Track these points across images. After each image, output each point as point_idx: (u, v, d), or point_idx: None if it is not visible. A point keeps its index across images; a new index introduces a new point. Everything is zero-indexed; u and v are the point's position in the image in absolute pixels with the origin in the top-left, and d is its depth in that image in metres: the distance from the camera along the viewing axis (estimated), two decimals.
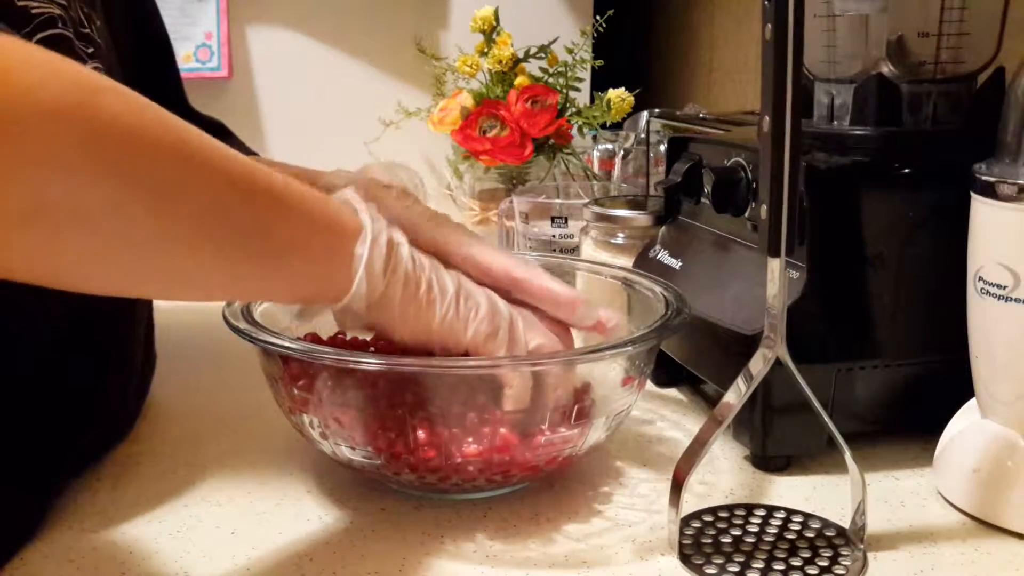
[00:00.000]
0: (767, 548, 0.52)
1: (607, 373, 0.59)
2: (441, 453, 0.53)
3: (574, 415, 0.55)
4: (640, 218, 0.83)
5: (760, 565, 0.51)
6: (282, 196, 0.48)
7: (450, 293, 0.53)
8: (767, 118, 0.48)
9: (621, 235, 0.85)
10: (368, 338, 0.63)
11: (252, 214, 0.46)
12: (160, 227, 0.41)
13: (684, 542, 0.53)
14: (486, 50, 1.22)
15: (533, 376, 0.54)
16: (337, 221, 0.51)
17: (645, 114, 1.16)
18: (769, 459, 0.62)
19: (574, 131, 1.23)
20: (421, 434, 0.53)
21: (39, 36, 0.53)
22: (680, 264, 0.73)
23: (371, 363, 0.53)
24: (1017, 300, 0.52)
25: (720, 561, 0.51)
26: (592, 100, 1.26)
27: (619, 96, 1.20)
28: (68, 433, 0.57)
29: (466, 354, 0.54)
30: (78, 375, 0.58)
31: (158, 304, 0.74)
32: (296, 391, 0.56)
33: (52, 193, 0.37)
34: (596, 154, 1.23)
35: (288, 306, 0.61)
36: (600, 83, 1.29)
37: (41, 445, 0.55)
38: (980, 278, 0.54)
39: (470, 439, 0.53)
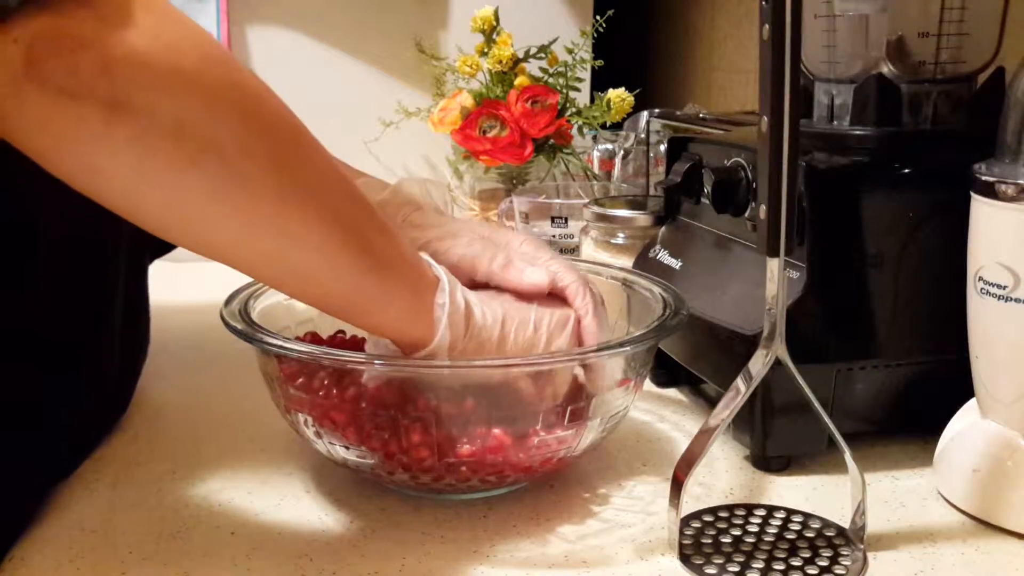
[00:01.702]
0: (767, 548, 0.52)
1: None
2: (434, 453, 0.53)
3: (568, 416, 0.55)
4: (640, 218, 0.83)
5: (760, 565, 0.51)
6: (378, 215, 0.51)
7: (514, 329, 0.55)
8: (766, 118, 0.48)
9: (621, 235, 0.85)
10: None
11: (353, 209, 0.49)
12: (276, 182, 0.45)
13: (684, 542, 0.53)
14: (486, 50, 1.22)
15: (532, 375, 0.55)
16: (420, 260, 0.53)
17: (645, 114, 1.16)
18: (769, 459, 0.62)
19: (574, 131, 1.23)
20: (415, 435, 0.53)
21: None
22: (680, 264, 0.73)
23: (369, 364, 0.53)
24: (1017, 300, 0.52)
25: (720, 561, 0.51)
26: (592, 100, 1.26)
27: (619, 96, 1.20)
28: (44, 423, 0.57)
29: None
30: (47, 362, 0.58)
31: (158, 304, 0.74)
32: (292, 391, 0.56)
33: (193, 119, 0.41)
34: (596, 154, 1.23)
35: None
36: (600, 83, 1.29)
37: (16, 436, 0.55)
38: (980, 278, 0.54)
39: (464, 440, 0.53)
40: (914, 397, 0.63)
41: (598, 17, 1.26)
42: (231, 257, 0.47)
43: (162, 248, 0.78)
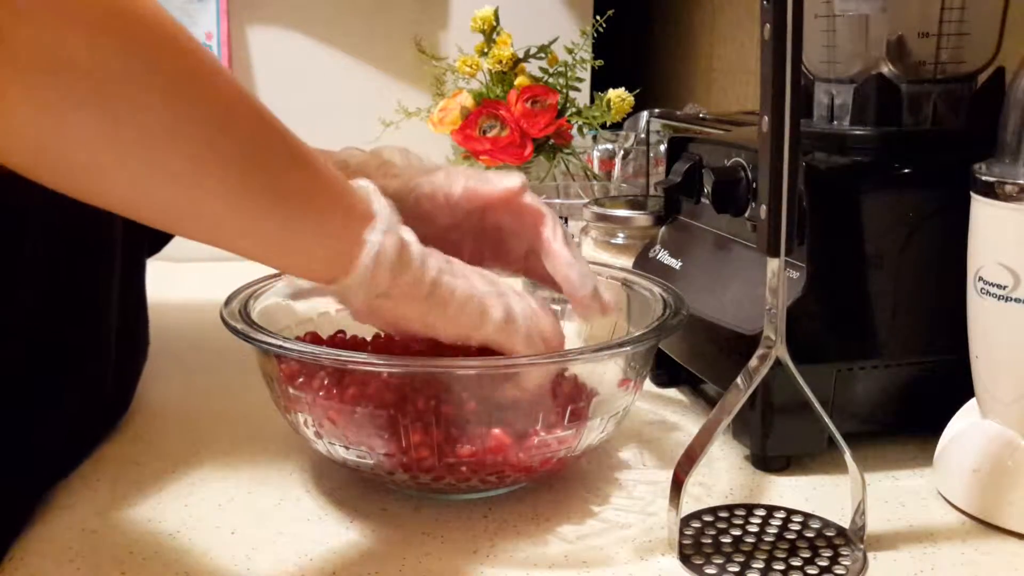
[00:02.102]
0: (767, 548, 0.52)
1: (604, 374, 0.59)
2: (434, 453, 0.53)
3: (568, 416, 0.55)
4: (640, 218, 0.83)
5: (760, 565, 0.51)
6: (294, 142, 0.47)
7: (457, 300, 0.52)
8: (766, 118, 0.48)
9: (621, 235, 0.85)
10: (368, 337, 0.63)
11: (265, 145, 0.45)
12: (174, 117, 0.41)
13: (684, 542, 0.53)
14: (486, 50, 1.22)
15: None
16: (352, 197, 0.50)
17: (645, 114, 1.16)
18: (769, 459, 0.62)
19: (574, 131, 1.23)
20: (415, 435, 0.53)
21: None
22: (680, 264, 0.72)
23: (369, 364, 0.53)
24: (1017, 300, 0.52)
25: (720, 561, 0.51)
26: (592, 100, 1.26)
27: (619, 96, 1.20)
28: (42, 423, 0.57)
29: (479, 349, 0.54)
30: (43, 363, 0.58)
31: (157, 304, 0.74)
32: (292, 390, 0.56)
33: (80, 55, 0.38)
34: (596, 154, 1.23)
35: (284, 293, 0.61)
36: (600, 83, 1.28)
37: (14, 436, 0.55)
38: (980, 278, 0.54)
39: (464, 440, 0.53)
40: (914, 397, 0.63)
41: (598, 17, 1.26)
42: (126, 203, 0.44)
43: (158, 243, 0.78)
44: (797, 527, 0.55)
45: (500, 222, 0.62)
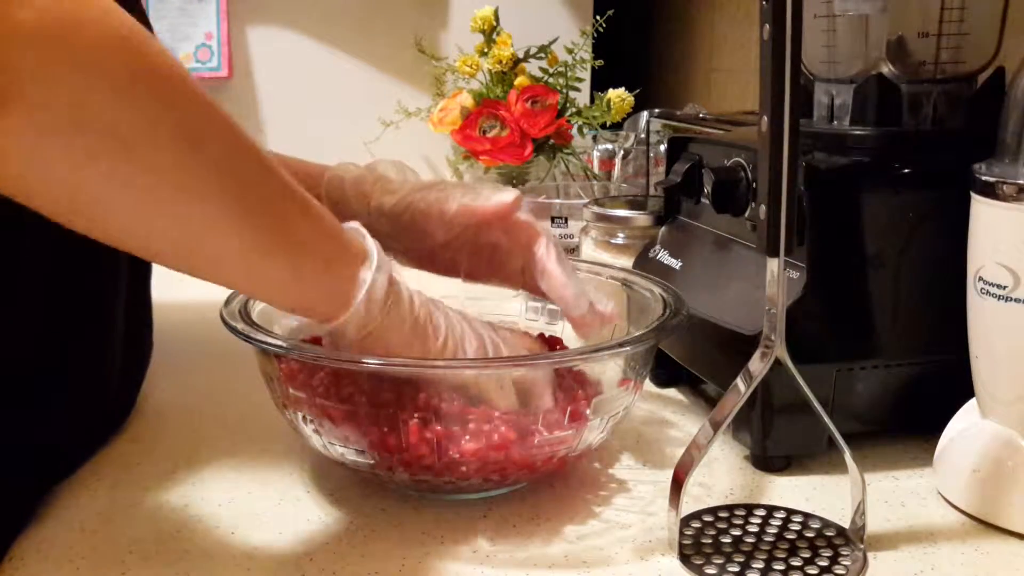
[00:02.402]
0: (767, 548, 0.52)
1: (604, 374, 0.59)
2: (434, 451, 0.53)
3: (568, 416, 0.55)
4: (640, 218, 0.83)
5: (760, 565, 0.51)
6: (298, 191, 0.49)
7: (442, 334, 0.54)
8: (766, 118, 0.48)
9: (621, 235, 0.85)
10: None
11: (267, 189, 0.47)
12: (181, 166, 0.42)
13: (684, 542, 0.53)
14: (486, 50, 1.22)
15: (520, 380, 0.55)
16: (345, 237, 0.52)
17: (645, 114, 1.16)
18: (769, 459, 0.62)
19: (574, 131, 1.23)
20: (413, 432, 0.53)
21: None
22: (680, 264, 0.73)
23: (368, 364, 0.53)
24: (1017, 300, 0.52)
25: (720, 561, 0.51)
26: (592, 100, 1.26)
27: (619, 96, 1.21)
28: (42, 425, 0.57)
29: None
30: (48, 364, 0.58)
31: (158, 304, 0.74)
32: (291, 390, 0.56)
33: (93, 101, 0.39)
34: (596, 154, 1.23)
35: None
36: (600, 83, 1.29)
37: (17, 437, 0.55)
38: (980, 278, 0.54)
39: (467, 436, 0.53)
40: (914, 397, 0.62)
41: (598, 17, 1.26)
42: (138, 246, 0.45)
43: None
44: (797, 527, 0.55)
45: (495, 239, 0.63)
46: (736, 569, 0.50)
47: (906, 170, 0.61)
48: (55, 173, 0.40)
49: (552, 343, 0.67)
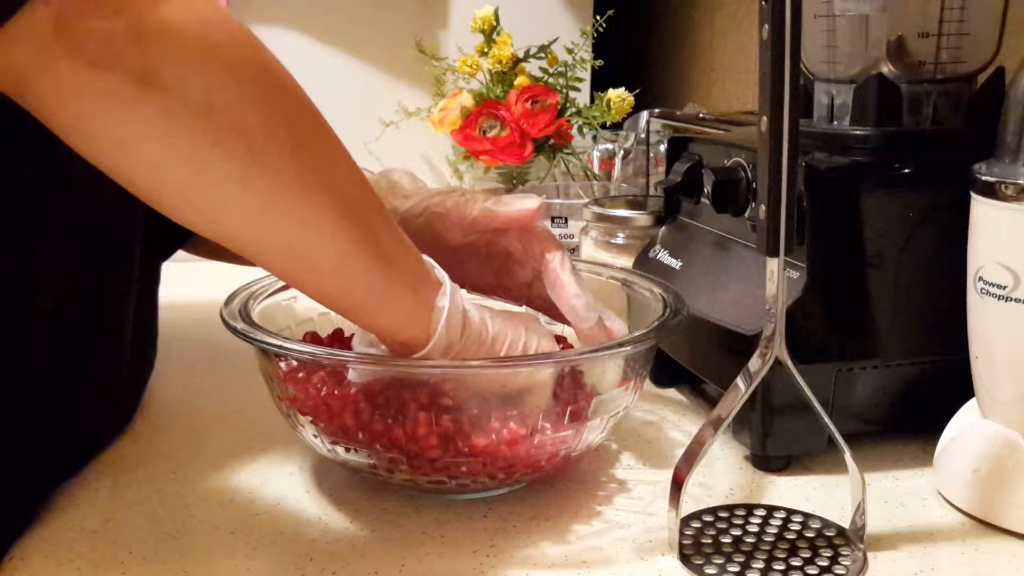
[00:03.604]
0: (767, 548, 0.52)
1: (604, 374, 0.59)
2: (441, 444, 0.53)
3: (568, 416, 0.55)
4: (640, 218, 0.83)
5: (760, 565, 0.51)
6: (382, 203, 0.51)
7: (506, 345, 0.54)
8: (766, 118, 0.48)
9: (621, 235, 0.85)
10: None
11: (364, 200, 0.49)
12: (297, 168, 0.45)
13: (684, 542, 0.53)
14: (486, 50, 1.22)
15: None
16: (421, 260, 0.53)
17: (645, 114, 1.16)
18: (769, 459, 0.62)
19: (574, 131, 1.23)
20: (416, 430, 0.53)
21: None
22: (680, 264, 0.73)
23: (368, 364, 0.53)
24: (1017, 300, 0.52)
25: (720, 561, 0.51)
26: (592, 100, 1.26)
27: (619, 96, 1.20)
28: (51, 427, 0.57)
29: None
30: (59, 367, 0.58)
31: (160, 304, 0.74)
32: (292, 390, 0.56)
33: (223, 99, 0.41)
34: (596, 154, 1.23)
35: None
36: (600, 83, 1.29)
37: (25, 440, 0.55)
38: (980, 278, 0.54)
39: (474, 433, 0.53)
40: (914, 397, 0.62)
41: (598, 17, 1.26)
42: (246, 243, 0.47)
43: (168, 250, 0.78)
44: (797, 527, 0.55)
45: (509, 247, 0.63)
46: (736, 569, 0.50)
47: (906, 170, 0.61)
48: (186, 158, 0.42)
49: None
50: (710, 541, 0.53)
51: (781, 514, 0.56)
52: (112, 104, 0.39)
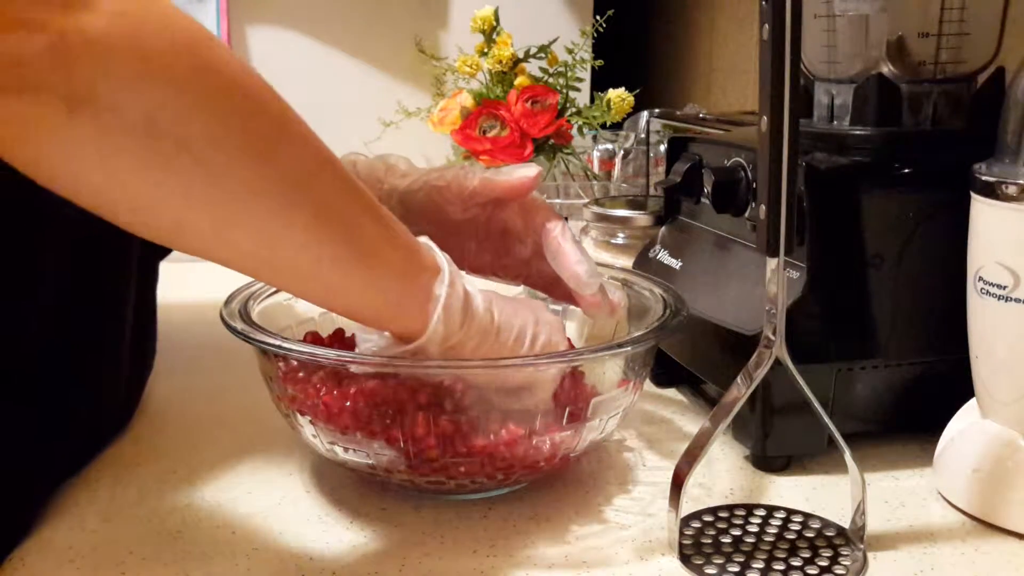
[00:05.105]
0: (767, 548, 0.52)
1: (604, 374, 0.59)
2: (439, 445, 0.53)
3: (567, 416, 0.55)
4: (640, 218, 0.83)
5: (760, 565, 0.51)
6: (372, 201, 0.48)
7: (514, 333, 0.53)
8: (766, 118, 0.48)
9: (621, 235, 0.85)
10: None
11: (342, 198, 0.46)
12: (254, 176, 0.42)
13: (684, 542, 0.53)
14: (486, 50, 1.22)
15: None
16: (416, 246, 0.51)
17: (645, 114, 1.16)
18: (769, 459, 0.62)
19: (574, 131, 1.23)
20: (417, 430, 0.53)
21: None
22: (680, 264, 0.72)
23: (370, 364, 0.53)
24: (1017, 300, 0.52)
25: (720, 561, 0.51)
26: (592, 100, 1.26)
27: (619, 96, 1.20)
28: (51, 427, 0.57)
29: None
30: (59, 366, 0.58)
31: (159, 304, 0.74)
32: (291, 390, 0.56)
33: (164, 114, 0.38)
34: (596, 154, 1.23)
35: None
36: (600, 83, 1.28)
37: (25, 439, 0.55)
38: (980, 278, 0.54)
39: (474, 433, 0.53)
40: (914, 397, 0.62)
41: (598, 17, 1.26)
42: (214, 257, 0.45)
43: (165, 248, 0.78)
44: (797, 527, 0.55)
45: (508, 222, 0.62)
46: (736, 569, 0.50)
47: (906, 170, 0.61)
48: (127, 180, 0.39)
49: None
50: (710, 541, 0.53)
51: (781, 514, 0.56)
52: (41, 130, 0.36)
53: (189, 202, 0.41)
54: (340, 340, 0.64)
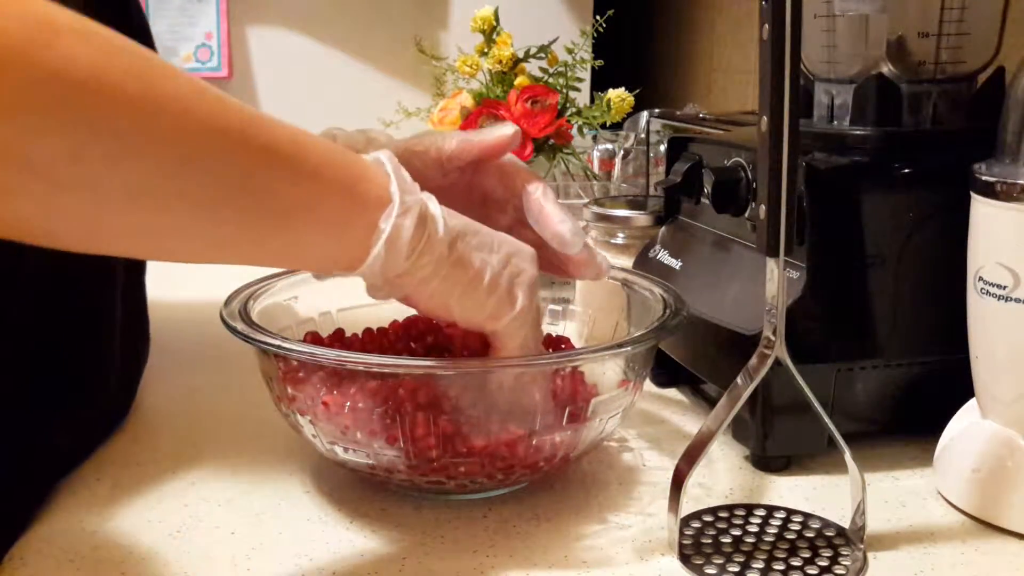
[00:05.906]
0: (767, 548, 0.52)
1: (604, 374, 0.59)
2: (439, 445, 0.53)
3: (567, 417, 0.55)
4: (640, 218, 0.83)
5: (760, 565, 0.51)
6: (286, 153, 0.45)
7: (487, 276, 0.51)
8: (766, 118, 0.48)
9: (621, 235, 0.85)
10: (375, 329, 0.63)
11: (241, 170, 0.43)
12: (124, 180, 0.39)
13: (684, 542, 0.53)
14: (486, 50, 1.22)
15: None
16: (361, 186, 0.48)
17: (645, 114, 1.16)
18: (769, 459, 0.62)
19: (574, 131, 1.23)
20: (418, 429, 0.53)
21: None
22: (680, 264, 0.72)
23: (368, 364, 0.53)
24: (1017, 300, 0.52)
25: (720, 561, 0.51)
26: (592, 100, 1.26)
27: (619, 96, 1.20)
28: (44, 426, 0.57)
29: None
30: (44, 362, 0.58)
31: (157, 303, 0.74)
32: (291, 390, 0.56)
33: (7, 137, 0.35)
34: (596, 154, 1.23)
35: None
36: (600, 83, 1.28)
37: (16, 436, 0.55)
38: (980, 278, 0.54)
39: (474, 433, 0.53)
40: (914, 397, 0.62)
41: (598, 17, 1.26)
42: (129, 251, 0.45)
43: None
44: (797, 527, 0.55)
45: (488, 187, 0.61)
46: (736, 569, 0.50)
47: (906, 170, 0.61)
48: (18, 210, 0.37)
49: (557, 343, 0.67)
50: (710, 541, 0.53)
51: (781, 514, 0.56)
52: None
53: (67, 220, 0.39)
54: (340, 340, 0.64)
